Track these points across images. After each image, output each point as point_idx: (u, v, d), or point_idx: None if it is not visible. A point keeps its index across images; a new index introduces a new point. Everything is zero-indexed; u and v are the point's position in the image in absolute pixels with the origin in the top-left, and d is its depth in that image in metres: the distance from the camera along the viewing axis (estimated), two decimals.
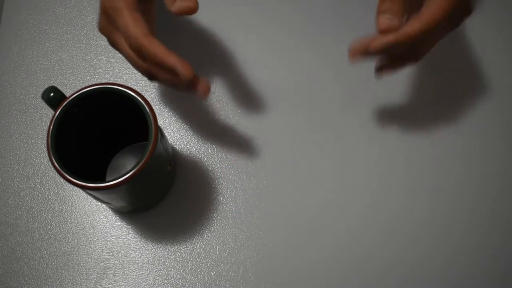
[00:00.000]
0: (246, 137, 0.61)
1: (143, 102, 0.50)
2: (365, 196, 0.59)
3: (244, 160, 0.60)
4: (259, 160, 0.60)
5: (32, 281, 0.57)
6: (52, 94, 0.51)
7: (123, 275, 0.57)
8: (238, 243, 0.57)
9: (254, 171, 0.60)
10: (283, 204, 0.59)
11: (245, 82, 0.63)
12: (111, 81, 0.64)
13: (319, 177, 0.59)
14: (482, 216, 0.58)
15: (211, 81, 0.63)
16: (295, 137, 0.61)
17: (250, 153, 0.60)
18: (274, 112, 0.62)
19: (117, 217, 0.59)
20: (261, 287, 0.56)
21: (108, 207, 0.59)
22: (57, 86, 0.63)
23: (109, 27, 0.50)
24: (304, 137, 0.61)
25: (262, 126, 0.61)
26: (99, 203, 0.59)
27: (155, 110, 0.62)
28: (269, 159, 0.60)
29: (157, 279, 0.57)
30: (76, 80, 0.64)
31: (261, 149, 0.61)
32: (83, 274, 0.57)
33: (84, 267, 0.57)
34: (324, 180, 0.59)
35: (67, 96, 0.51)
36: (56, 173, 0.60)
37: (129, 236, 0.58)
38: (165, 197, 0.59)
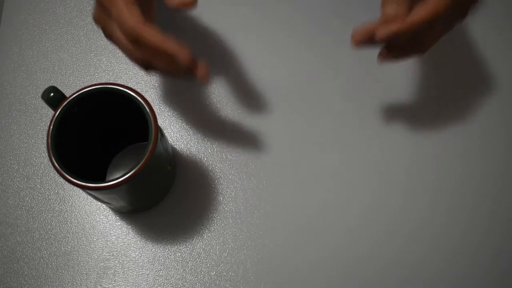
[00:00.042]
0: (246, 137, 0.61)
1: (143, 102, 0.50)
2: (365, 196, 0.59)
3: (244, 160, 0.60)
4: (259, 160, 0.60)
5: (32, 281, 0.57)
6: (52, 94, 0.51)
7: (123, 275, 0.57)
8: (238, 243, 0.57)
9: (254, 171, 0.60)
10: (283, 204, 0.59)
11: (245, 82, 0.63)
12: (111, 81, 0.64)
13: (319, 177, 0.59)
14: (482, 216, 0.58)
15: (211, 82, 0.63)
16: (295, 137, 0.61)
17: (250, 153, 0.60)
18: (274, 112, 0.62)
19: (117, 217, 0.59)
20: (261, 287, 0.56)
21: (108, 207, 0.59)
22: (57, 86, 0.63)
23: (104, 18, 0.49)
24: (304, 137, 0.61)
25: (262, 126, 0.61)
26: (99, 203, 0.59)
27: (155, 110, 0.62)
28: (269, 159, 0.60)
29: (157, 279, 0.57)
30: (76, 80, 0.64)
31: (261, 149, 0.60)
32: (83, 274, 0.57)
33: (84, 267, 0.57)
34: (324, 180, 0.59)
35: (67, 96, 0.51)
36: (56, 173, 0.60)
37: (129, 236, 0.58)
38: (165, 197, 0.59)
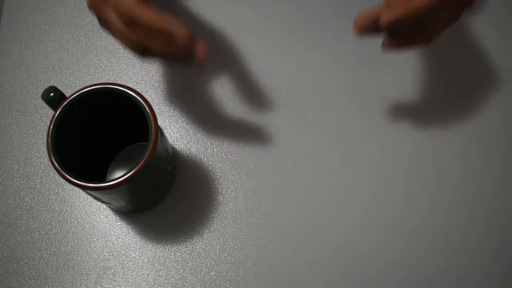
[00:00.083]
0: (246, 138, 0.61)
1: (143, 102, 0.50)
2: (365, 196, 0.59)
3: (244, 160, 0.60)
4: (259, 160, 0.60)
5: (32, 281, 0.57)
6: (52, 94, 0.51)
7: (123, 275, 0.57)
8: (238, 243, 0.57)
9: (254, 171, 0.60)
10: (283, 204, 0.59)
11: (245, 83, 0.63)
12: (111, 81, 0.64)
13: (319, 177, 0.59)
14: (482, 216, 0.58)
15: (211, 82, 0.63)
16: (295, 138, 0.61)
17: (250, 153, 0.60)
18: (274, 113, 0.62)
19: (117, 217, 0.59)
20: (261, 287, 0.56)
21: (108, 207, 0.59)
22: (57, 86, 0.63)
23: (99, 3, 0.48)
24: (304, 138, 0.61)
25: (262, 127, 0.61)
26: (99, 203, 0.59)
27: (155, 110, 0.62)
28: (269, 159, 0.60)
29: (157, 279, 0.57)
30: (76, 80, 0.64)
31: (261, 149, 0.60)
32: (83, 274, 0.57)
33: (84, 267, 0.57)
34: (324, 180, 0.59)
35: (67, 96, 0.51)
36: (56, 173, 0.60)
37: (129, 236, 0.58)
38: (165, 197, 0.59)
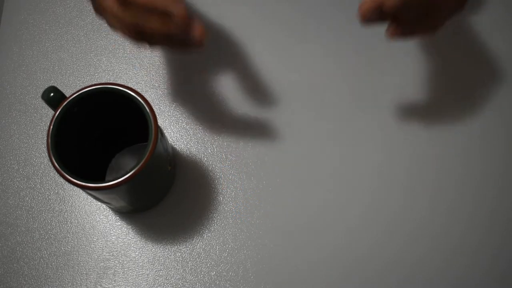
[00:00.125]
0: (246, 137, 0.61)
1: (143, 102, 0.50)
2: (365, 196, 0.59)
3: (244, 160, 0.60)
4: (259, 160, 0.60)
5: (32, 281, 0.57)
6: (52, 94, 0.51)
7: (123, 275, 0.57)
8: (238, 243, 0.57)
9: (254, 171, 0.60)
10: (283, 204, 0.59)
11: (245, 83, 0.63)
12: (111, 81, 0.64)
13: (319, 177, 0.59)
14: (482, 216, 0.58)
15: (211, 82, 0.63)
16: (295, 138, 0.61)
17: (250, 153, 0.60)
18: (274, 113, 0.62)
19: (117, 217, 0.59)
20: (261, 287, 0.56)
21: (108, 207, 0.59)
22: (57, 86, 0.63)
23: None
24: (304, 138, 0.61)
25: (262, 126, 0.61)
26: (99, 203, 0.59)
27: (155, 110, 0.62)
28: (269, 159, 0.60)
29: (157, 279, 0.57)
30: (76, 80, 0.64)
31: (261, 149, 0.60)
32: (83, 274, 0.57)
33: (84, 267, 0.57)
34: (324, 180, 0.59)
35: (67, 96, 0.51)
36: (56, 173, 0.60)
37: (129, 236, 0.58)
38: (165, 197, 0.59)
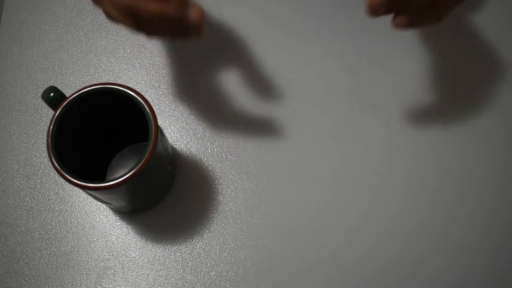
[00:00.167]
0: (246, 137, 0.61)
1: (143, 102, 0.50)
2: (365, 196, 0.59)
3: (244, 160, 0.60)
4: (259, 160, 0.60)
5: (32, 281, 0.57)
6: (52, 94, 0.51)
7: (123, 275, 0.57)
8: (238, 243, 0.57)
9: (254, 171, 0.60)
10: (283, 204, 0.59)
11: (245, 83, 0.63)
12: (111, 81, 0.64)
13: (319, 177, 0.59)
14: (482, 216, 0.58)
15: (211, 82, 0.63)
16: (295, 138, 0.61)
17: (250, 153, 0.60)
18: (274, 113, 0.62)
19: (117, 217, 0.59)
20: (261, 287, 0.56)
21: (108, 207, 0.59)
22: (57, 86, 0.63)
23: None
24: (304, 138, 0.61)
25: (262, 126, 0.61)
26: (99, 203, 0.59)
27: (155, 110, 0.62)
28: (269, 159, 0.60)
29: (157, 279, 0.57)
30: (76, 80, 0.64)
31: (261, 149, 0.60)
32: (83, 274, 0.57)
33: (84, 267, 0.57)
34: (324, 180, 0.59)
35: (67, 96, 0.51)
36: (56, 173, 0.60)
37: (129, 236, 0.58)
38: (165, 197, 0.59)
